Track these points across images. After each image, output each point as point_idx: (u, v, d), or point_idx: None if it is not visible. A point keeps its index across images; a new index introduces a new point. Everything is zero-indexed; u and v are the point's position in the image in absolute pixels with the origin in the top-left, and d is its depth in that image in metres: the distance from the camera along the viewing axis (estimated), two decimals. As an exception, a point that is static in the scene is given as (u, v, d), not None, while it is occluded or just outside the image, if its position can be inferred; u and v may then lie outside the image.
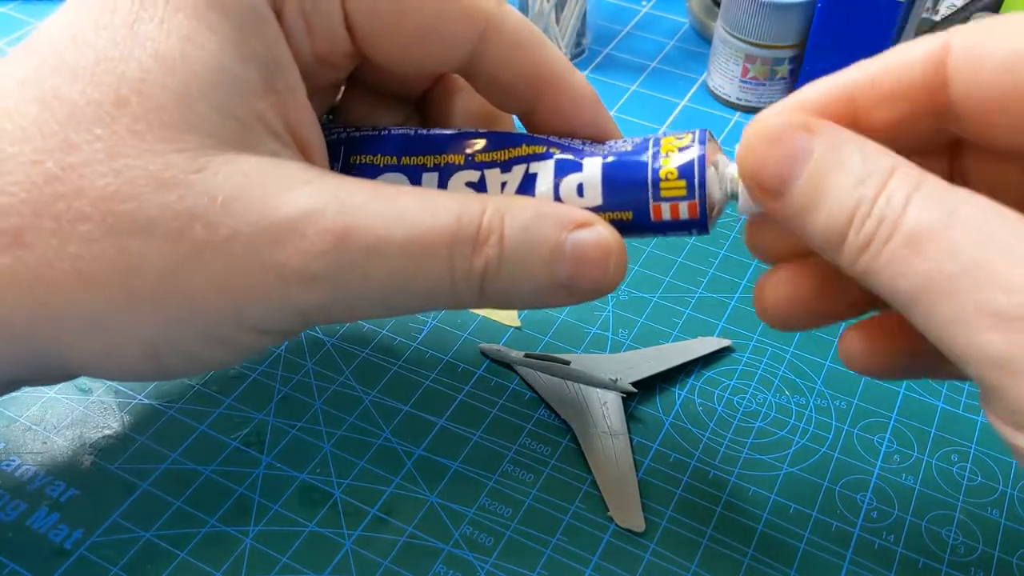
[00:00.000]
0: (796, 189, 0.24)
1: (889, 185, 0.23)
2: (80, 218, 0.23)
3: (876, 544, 0.33)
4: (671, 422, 0.37)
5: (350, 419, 0.36)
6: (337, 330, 0.40)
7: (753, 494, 0.34)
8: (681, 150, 0.26)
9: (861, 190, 0.23)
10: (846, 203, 0.23)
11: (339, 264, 0.24)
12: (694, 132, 0.27)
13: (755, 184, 0.25)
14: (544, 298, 0.27)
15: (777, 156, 0.25)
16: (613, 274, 0.26)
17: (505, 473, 0.35)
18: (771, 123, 0.25)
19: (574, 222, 0.26)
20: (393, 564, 0.32)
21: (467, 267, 0.25)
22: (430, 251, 0.25)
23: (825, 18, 0.49)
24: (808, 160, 0.24)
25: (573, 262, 0.26)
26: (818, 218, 0.24)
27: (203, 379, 0.37)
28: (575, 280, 0.26)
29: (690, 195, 0.26)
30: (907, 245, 0.22)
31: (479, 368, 0.38)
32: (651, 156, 0.27)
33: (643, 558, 0.32)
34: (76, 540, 0.32)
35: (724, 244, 0.44)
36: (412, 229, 0.25)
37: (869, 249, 0.23)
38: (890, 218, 0.22)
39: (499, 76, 0.29)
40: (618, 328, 0.40)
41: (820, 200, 0.24)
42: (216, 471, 0.34)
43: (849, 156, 0.24)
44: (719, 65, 0.53)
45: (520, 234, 0.26)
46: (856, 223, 0.23)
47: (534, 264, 0.26)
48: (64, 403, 0.36)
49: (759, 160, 0.25)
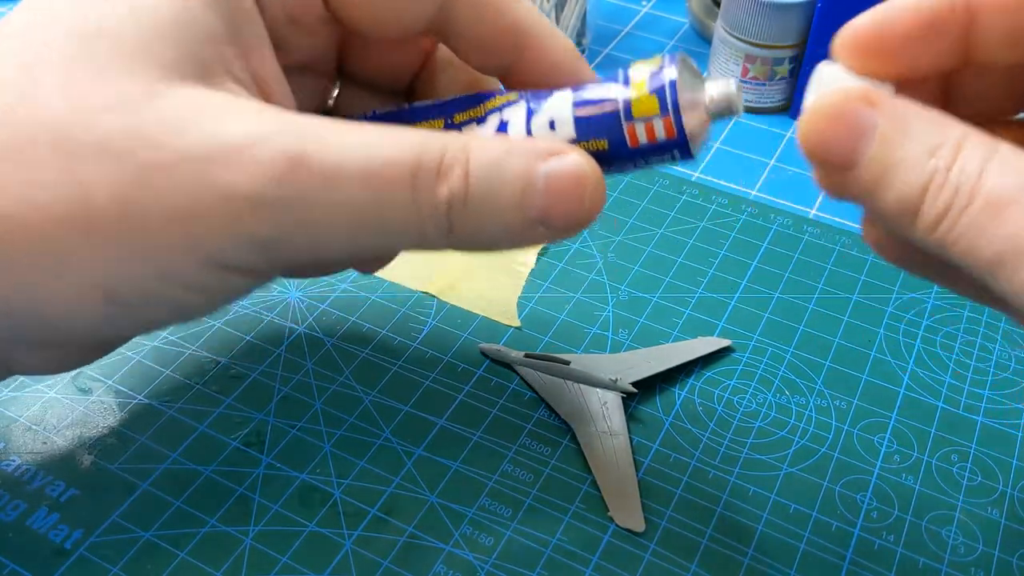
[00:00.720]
0: (864, 164, 0.24)
1: (962, 154, 0.23)
2: (31, 143, 0.23)
3: (876, 544, 0.33)
4: (671, 422, 0.37)
5: (350, 419, 0.36)
6: (337, 330, 0.40)
7: (753, 494, 0.34)
8: (652, 71, 0.26)
9: (934, 161, 0.23)
10: (919, 174, 0.23)
11: (294, 191, 0.23)
12: (665, 55, 0.27)
13: (822, 162, 0.25)
14: (518, 235, 0.26)
15: (841, 132, 0.24)
16: (590, 205, 0.26)
17: (505, 473, 0.35)
18: (831, 99, 0.25)
19: (546, 151, 0.25)
20: (393, 564, 0.32)
21: (432, 201, 0.24)
22: (392, 182, 0.24)
23: (825, 18, 0.49)
24: (874, 134, 0.24)
25: (546, 194, 0.25)
26: (890, 191, 0.24)
27: (203, 379, 0.37)
28: (549, 213, 0.25)
29: (663, 111, 0.26)
30: (986, 212, 0.22)
31: (479, 368, 0.38)
32: (622, 79, 0.26)
33: (643, 558, 0.32)
34: (76, 540, 0.32)
35: (724, 244, 0.44)
36: (372, 159, 0.24)
37: (947, 218, 0.23)
38: (966, 186, 0.22)
39: (474, 33, 0.29)
40: (618, 328, 0.40)
41: (891, 173, 0.24)
42: (216, 471, 0.34)
43: (917, 127, 0.24)
44: (719, 65, 0.53)
45: (487, 167, 0.25)
46: (931, 193, 0.23)
47: (504, 198, 0.25)
48: (64, 403, 0.36)
49: (822, 138, 0.25)
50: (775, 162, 0.50)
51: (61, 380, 0.37)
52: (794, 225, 0.45)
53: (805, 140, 0.25)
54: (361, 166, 0.24)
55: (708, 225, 0.45)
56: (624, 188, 0.47)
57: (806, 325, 0.40)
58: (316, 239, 0.25)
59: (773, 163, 0.50)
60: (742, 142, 0.52)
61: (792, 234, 0.45)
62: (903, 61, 0.26)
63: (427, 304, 0.41)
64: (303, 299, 0.41)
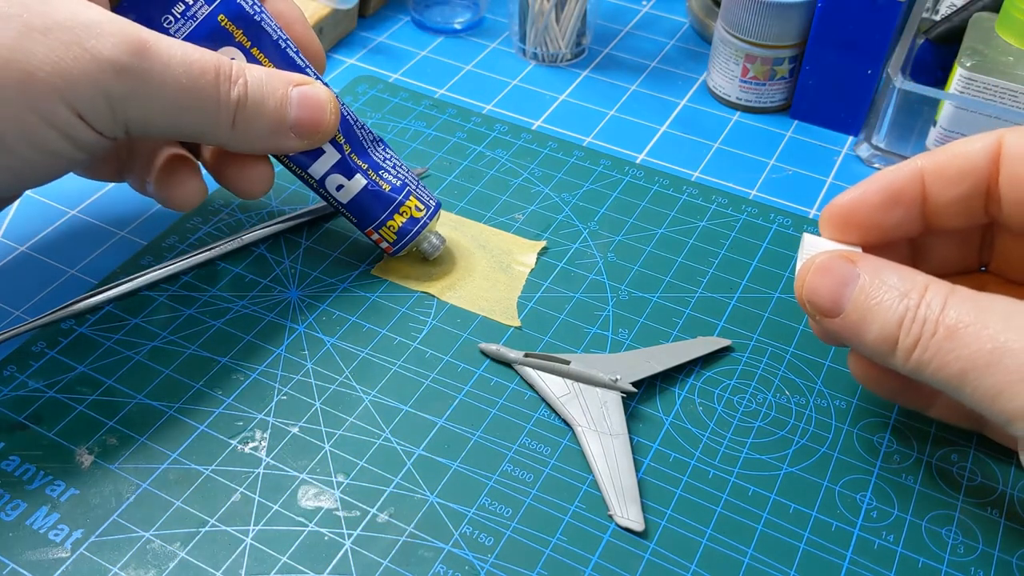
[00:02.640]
0: (849, 308, 0.31)
1: (927, 295, 0.29)
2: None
3: (876, 544, 0.33)
4: (671, 422, 0.37)
5: (350, 419, 0.36)
6: (337, 330, 0.40)
7: (753, 494, 0.34)
8: (411, 218, 0.40)
9: (905, 302, 0.29)
10: (895, 313, 0.29)
11: (142, 65, 0.32)
12: (431, 205, 0.41)
13: (814, 308, 0.32)
14: (278, 138, 0.37)
15: (829, 283, 0.31)
16: (331, 121, 0.38)
17: (505, 473, 0.35)
18: (820, 258, 0.32)
19: (298, 80, 0.37)
20: (393, 564, 0.32)
21: (227, 97, 0.35)
22: (203, 76, 0.34)
23: (825, 18, 0.49)
24: (855, 283, 0.31)
25: (299, 107, 0.37)
26: (872, 329, 0.30)
27: (203, 379, 0.37)
28: (300, 122, 0.37)
29: (392, 245, 0.41)
30: (949, 337, 0.28)
31: (479, 368, 0.38)
32: (394, 206, 0.40)
33: (643, 558, 0.32)
34: (76, 540, 0.32)
35: (724, 244, 0.44)
36: (190, 58, 0.34)
37: (919, 346, 0.29)
38: (932, 319, 0.28)
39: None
40: (618, 328, 0.40)
41: (872, 313, 0.30)
42: (216, 471, 0.34)
43: (890, 276, 0.30)
44: (719, 65, 0.53)
45: (258, 82, 0.36)
46: (905, 327, 0.29)
47: (270, 106, 0.36)
48: (64, 403, 0.36)
49: (814, 288, 0.32)
50: (775, 162, 0.50)
51: (61, 380, 0.37)
52: (794, 225, 0.45)
53: (801, 292, 0.32)
54: (184, 60, 0.33)
55: (708, 225, 0.45)
56: (624, 188, 0.47)
57: (806, 325, 0.40)
58: (150, 108, 0.33)
59: (773, 163, 0.50)
60: (742, 142, 0.52)
61: (791, 234, 0.45)
62: (873, 231, 0.33)
63: (427, 304, 0.41)
64: (303, 299, 0.41)
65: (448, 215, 0.45)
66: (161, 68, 0.33)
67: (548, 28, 0.55)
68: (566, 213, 0.46)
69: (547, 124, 0.52)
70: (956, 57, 0.47)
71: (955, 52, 0.48)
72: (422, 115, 0.52)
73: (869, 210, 0.33)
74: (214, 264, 0.42)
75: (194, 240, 0.43)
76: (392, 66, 0.56)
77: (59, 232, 0.44)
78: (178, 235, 0.44)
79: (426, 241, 0.41)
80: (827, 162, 0.50)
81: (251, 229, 0.43)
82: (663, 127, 0.52)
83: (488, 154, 0.49)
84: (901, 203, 0.33)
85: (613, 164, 0.49)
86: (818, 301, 0.32)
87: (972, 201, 0.33)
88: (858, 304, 0.30)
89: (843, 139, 0.52)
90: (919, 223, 0.34)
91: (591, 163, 0.49)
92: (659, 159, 0.50)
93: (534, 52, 0.57)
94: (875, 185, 0.33)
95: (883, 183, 0.33)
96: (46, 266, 0.42)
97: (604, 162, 0.49)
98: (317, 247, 0.43)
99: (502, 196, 0.47)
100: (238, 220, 0.45)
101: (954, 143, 0.33)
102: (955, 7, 0.54)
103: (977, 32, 0.48)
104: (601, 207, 0.46)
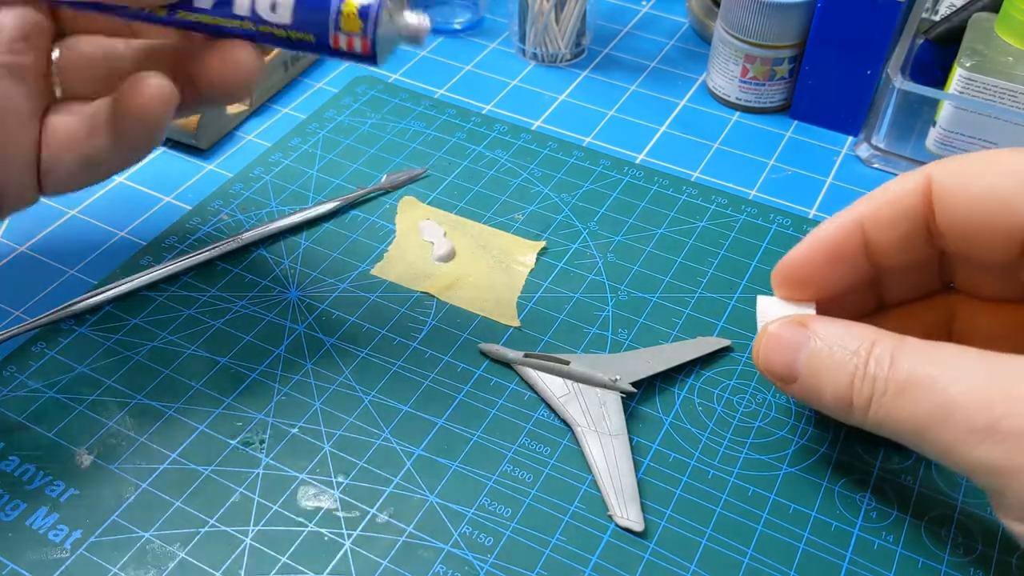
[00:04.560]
0: (803, 372, 0.31)
1: (874, 351, 0.29)
2: None
3: (876, 544, 0.33)
4: (671, 422, 0.37)
5: (350, 419, 0.36)
6: (337, 330, 0.40)
7: (753, 494, 0.34)
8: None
9: (854, 360, 0.30)
10: (845, 373, 0.30)
11: None
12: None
13: (771, 377, 0.33)
14: None
15: (781, 351, 0.32)
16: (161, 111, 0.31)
17: (505, 473, 0.35)
18: (771, 327, 0.32)
19: None
20: (393, 564, 0.32)
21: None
22: None
23: (825, 18, 0.49)
24: (807, 347, 0.31)
25: None
26: (826, 391, 0.30)
27: (203, 379, 0.37)
28: None
29: (363, 33, 0.32)
30: (900, 395, 0.28)
31: (479, 368, 0.38)
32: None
33: (643, 558, 0.32)
34: (76, 540, 0.32)
35: (724, 244, 0.44)
36: None
37: (872, 405, 0.29)
38: (881, 376, 0.29)
39: None
40: (618, 328, 0.40)
41: (824, 375, 0.30)
42: (216, 471, 0.34)
43: (839, 336, 0.30)
44: (719, 65, 0.53)
45: None
46: (856, 387, 0.29)
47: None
48: (64, 403, 0.36)
49: (768, 358, 0.32)
50: (775, 162, 0.50)
51: (62, 380, 0.37)
52: (794, 225, 0.45)
53: (757, 362, 0.33)
54: None
55: (708, 225, 0.45)
56: (624, 188, 0.47)
57: (806, 325, 0.40)
58: None
59: (773, 163, 0.50)
60: (742, 142, 0.52)
61: (792, 234, 0.45)
62: (823, 287, 0.34)
63: (427, 304, 0.41)
64: (303, 299, 0.41)
65: (448, 215, 0.45)
66: None
67: (548, 28, 0.55)
68: (566, 213, 0.46)
69: (547, 124, 0.52)
70: (956, 57, 0.47)
71: (955, 52, 0.48)
72: (422, 115, 0.52)
73: (814, 269, 0.34)
74: (214, 264, 0.42)
75: (194, 240, 0.43)
76: (392, 66, 0.56)
77: (59, 232, 0.44)
78: (178, 235, 0.44)
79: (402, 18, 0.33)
80: (827, 162, 0.50)
81: (251, 229, 0.43)
82: (663, 127, 0.52)
83: (488, 154, 0.49)
84: (843, 258, 0.33)
85: (613, 164, 0.49)
86: (774, 369, 0.32)
87: (914, 240, 0.32)
88: (811, 368, 0.31)
89: (843, 139, 0.52)
90: (868, 269, 0.34)
91: (591, 163, 0.49)
92: (659, 159, 0.50)
93: (534, 52, 0.57)
94: (817, 244, 0.33)
95: (824, 241, 0.33)
96: (46, 266, 0.42)
97: (604, 162, 0.49)
98: (317, 247, 0.43)
99: (502, 196, 0.47)
100: (238, 220, 0.45)
101: (887, 185, 0.33)
102: (955, 7, 0.54)
103: (977, 32, 0.48)
104: (601, 207, 0.46)
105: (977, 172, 0.31)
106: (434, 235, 0.44)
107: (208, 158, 0.49)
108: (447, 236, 0.44)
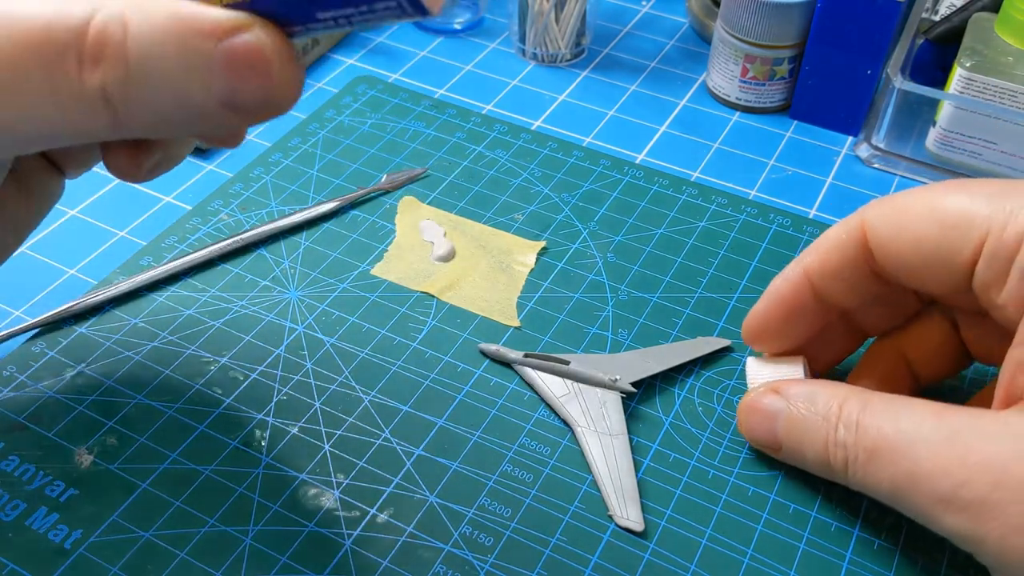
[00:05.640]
0: (783, 440, 0.32)
1: (843, 414, 0.30)
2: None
3: (876, 544, 0.33)
4: (671, 422, 0.37)
5: (350, 419, 0.36)
6: (337, 330, 0.40)
7: (753, 494, 0.34)
8: None
9: (824, 425, 0.30)
10: (820, 439, 0.30)
11: None
12: None
13: (758, 447, 0.34)
14: (206, 120, 0.23)
15: (760, 422, 0.33)
16: (280, 81, 0.23)
17: (505, 473, 0.35)
18: (748, 396, 0.34)
19: (221, 29, 0.22)
20: (393, 564, 0.32)
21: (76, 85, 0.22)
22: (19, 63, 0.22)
23: (825, 18, 0.49)
24: (782, 416, 0.32)
25: (228, 73, 0.22)
26: (807, 456, 0.31)
27: (203, 379, 0.37)
28: (237, 94, 0.23)
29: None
30: (870, 461, 0.29)
31: (479, 368, 0.38)
32: None
33: (643, 558, 0.32)
34: (76, 540, 0.32)
35: (724, 244, 0.44)
36: None
37: (848, 469, 0.30)
38: (850, 443, 0.29)
39: None
40: (618, 328, 0.40)
41: (802, 441, 0.31)
42: (216, 471, 0.34)
43: (809, 401, 0.31)
44: (719, 65, 0.53)
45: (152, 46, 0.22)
46: (831, 452, 0.30)
47: (179, 80, 0.22)
48: (64, 403, 0.36)
49: (750, 428, 0.34)
50: (775, 162, 0.50)
51: (61, 380, 0.37)
52: (794, 225, 0.45)
53: (742, 432, 0.34)
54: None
55: (708, 225, 0.45)
56: (624, 188, 0.47)
57: (806, 325, 0.40)
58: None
59: (773, 163, 0.50)
60: (742, 142, 0.52)
61: (792, 234, 0.45)
62: (790, 338, 0.35)
63: (427, 304, 0.41)
64: (303, 299, 0.41)
65: (448, 215, 0.45)
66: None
67: (548, 28, 0.55)
68: (566, 213, 0.46)
69: (547, 124, 0.52)
70: (956, 57, 0.47)
71: (955, 52, 0.48)
72: (422, 115, 0.52)
73: (777, 325, 0.34)
74: (214, 264, 0.42)
75: (194, 240, 0.43)
76: (392, 66, 0.56)
77: (59, 232, 0.44)
78: (178, 235, 0.44)
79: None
80: (827, 162, 0.50)
81: (251, 229, 0.43)
82: (663, 127, 0.52)
83: (488, 154, 0.49)
84: (798, 311, 0.34)
85: (613, 164, 0.49)
86: (758, 439, 0.33)
87: (862, 283, 0.33)
88: (789, 436, 0.32)
89: (843, 139, 0.52)
90: (830, 312, 0.34)
91: (591, 163, 0.49)
92: (659, 159, 0.50)
93: (534, 52, 0.57)
94: (770, 301, 0.34)
95: (775, 298, 0.34)
96: (46, 266, 0.42)
97: (604, 162, 0.49)
98: (317, 247, 0.44)
99: (502, 196, 0.47)
100: (238, 220, 0.45)
101: (827, 233, 0.33)
102: (955, 7, 0.54)
103: (977, 32, 0.48)
104: (601, 207, 0.46)
105: (908, 220, 0.31)
106: (434, 235, 0.44)
107: (208, 158, 0.49)
108: (447, 236, 0.44)
